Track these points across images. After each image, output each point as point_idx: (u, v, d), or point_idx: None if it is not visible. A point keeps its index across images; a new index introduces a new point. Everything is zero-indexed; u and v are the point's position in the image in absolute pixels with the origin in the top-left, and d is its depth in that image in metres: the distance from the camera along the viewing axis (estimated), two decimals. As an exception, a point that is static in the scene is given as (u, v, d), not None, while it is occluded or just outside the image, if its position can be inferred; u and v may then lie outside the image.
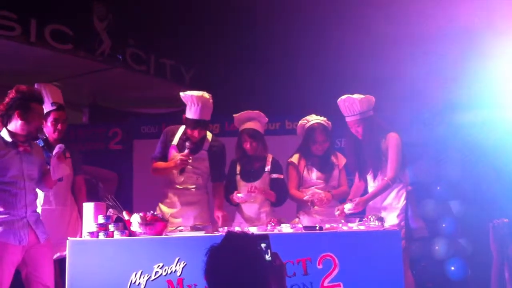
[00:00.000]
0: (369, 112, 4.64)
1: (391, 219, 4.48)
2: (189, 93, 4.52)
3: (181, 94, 4.54)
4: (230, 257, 2.25)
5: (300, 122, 4.97)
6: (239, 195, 4.55)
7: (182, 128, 4.63)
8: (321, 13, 6.46)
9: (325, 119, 4.92)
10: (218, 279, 2.23)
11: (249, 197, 4.58)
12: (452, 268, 5.75)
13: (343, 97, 4.70)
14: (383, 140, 4.63)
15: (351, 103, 4.64)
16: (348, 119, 4.70)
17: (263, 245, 2.39)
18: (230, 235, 2.32)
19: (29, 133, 3.79)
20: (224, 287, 2.22)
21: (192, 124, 4.48)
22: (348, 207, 4.39)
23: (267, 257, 2.37)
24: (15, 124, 3.73)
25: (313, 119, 4.90)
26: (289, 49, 6.96)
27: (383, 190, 4.55)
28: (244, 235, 2.37)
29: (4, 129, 3.76)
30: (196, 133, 4.52)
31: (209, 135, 4.68)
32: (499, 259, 4.22)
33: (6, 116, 3.75)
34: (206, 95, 4.53)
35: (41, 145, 4.32)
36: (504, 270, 4.21)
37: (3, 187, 3.67)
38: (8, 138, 3.73)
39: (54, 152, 3.90)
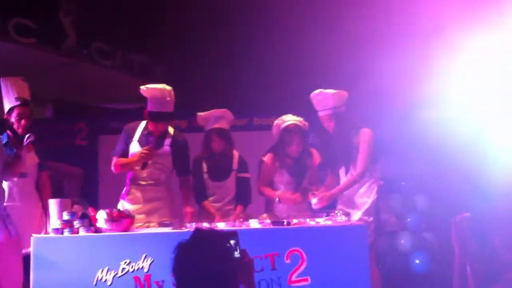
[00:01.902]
0: (341, 107, 4.65)
1: (359, 214, 4.51)
2: (150, 86, 4.47)
3: (142, 87, 4.47)
4: (198, 253, 2.24)
5: (275, 121, 4.92)
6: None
7: (142, 124, 4.57)
8: (293, 9, 6.47)
9: (301, 119, 4.86)
10: (186, 276, 2.22)
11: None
12: (417, 261, 5.84)
13: (316, 91, 4.70)
14: (355, 135, 4.65)
15: (324, 97, 4.64)
16: (320, 114, 4.70)
17: (232, 241, 2.38)
18: (198, 231, 2.31)
19: None
20: (192, 283, 2.20)
21: (155, 116, 4.43)
22: (313, 201, 4.41)
23: (236, 253, 2.36)
24: None
25: (289, 119, 4.84)
26: (259, 45, 6.96)
27: (351, 185, 4.58)
28: (212, 232, 2.35)
29: None
30: (159, 126, 4.47)
31: (170, 130, 4.62)
32: (461, 254, 4.31)
33: None
34: (168, 87, 4.49)
35: (4, 141, 4.24)
36: (466, 264, 4.30)
37: None
38: None
39: (24, 141, 3.86)
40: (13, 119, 4.40)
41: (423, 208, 6.03)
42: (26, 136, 3.93)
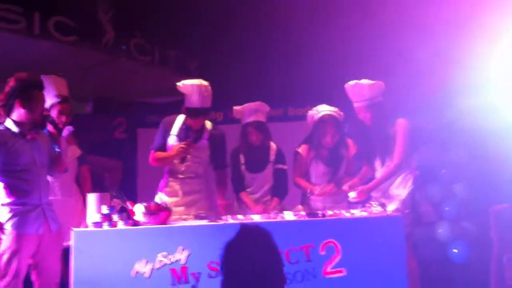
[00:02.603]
0: (378, 97, 4.59)
1: (396, 204, 4.47)
2: (187, 82, 4.50)
3: (179, 84, 4.51)
4: (245, 248, 2.40)
5: (310, 112, 4.90)
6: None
7: (180, 117, 4.62)
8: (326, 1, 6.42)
9: (336, 109, 4.81)
10: (232, 270, 2.30)
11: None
12: (455, 251, 5.76)
13: (351, 82, 4.64)
14: (391, 126, 4.59)
15: (360, 88, 4.58)
16: (356, 105, 4.64)
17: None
18: (244, 227, 2.38)
19: (34, 121, 3.77)
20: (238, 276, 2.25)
21: (193, 112, 4.48)
22: (352, 195, 4.38)
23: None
24: (18, 113, 3.71)
25: (324, 109, 4.80)
26: (292, 35, 6.94)
27: (388, 177, 4.53)
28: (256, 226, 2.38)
29: (8, 119, 3.74)
30: (197, 122, 4.52)
31: (208, 124, 4.66)
32: (499, 244, 4.22)
33: (7, 106, 3.72)
34: (204, 82, 4.52)
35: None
36: (503, 255, 4.22)
37: (17, 175, 3.66)
38: (14, 128, 3.71)
39: (63, 135, 3.95)
40: (53, 115, 4.51)
41: (461, 196, 5.93)
42: (66, 128, 4.00)
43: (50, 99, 4.51)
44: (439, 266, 5.63)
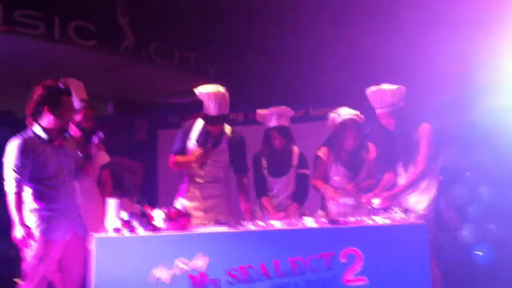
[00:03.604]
0: (400, 103, 4.50)
1: (420, 209, 4.39)
2: (204, 90, 4.47)
3: (196, 91, 4.50)
4: None
5: (331, 114, 4.84)
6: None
7: (199, 121, 4.61)
8: (345, 1, 6.34)
9: (357, 113, 4.75)
10: None
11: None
12: (479, 253, 5.67)
13: (373, 88, 4.55)
14: (415, 131, 4.51)
15: (383, 95, 4.49)
16: (378, 111, 4.56)
17: None
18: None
19: (62, 127, 3.82)
20: None
21: (211, 120, 4.47)
22: (376, 202, 4.32)
23: None
24: (47, 120, 3.75)
25: (345, 113, 4.74)
26: (311, 36, 6.88)
27: (413, 183, 4.46)
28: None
29: (36, 126, 3.77)
30: (216, 128, 4.52)
31: (227, 128, 4.65)
32: None
33: (36, 113, 3.76)
34: (221, 89, 4.49)
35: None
36: None
37: (45, 182, 3.71)
38: (42, 135, 3.75)
39: (93, 141, 3.99)
40: (78, 120, 4.49)
41: (486, 198, 5.83)
42: (96, 134, 4.02)
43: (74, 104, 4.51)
44: (463, 268, 5.55)
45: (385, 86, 4.51)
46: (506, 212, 5.69)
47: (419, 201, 4.47)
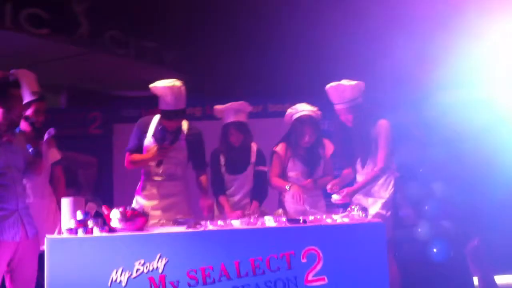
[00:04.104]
0: (358, 99, 4.52)
1: (377, 208, 4.45)
2: (159, 84, 4.36)
3: (151, 86, 4.38)
4: None
5: (288, 110, 4.82)
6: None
7: (156, 117, 4.51)
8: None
9: (315, 109, 4.75)
10: None
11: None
12: (435, 250, 5.77)
13: (333, 84, 4.55)
14: (372, 127, 4.54)
15: (342, 90, 4.50)
16: (337, 107, 4.57)
17: None
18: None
19: (11, 121, 3.62)
20: None
21: (168, 115, 4.37)
22: (335, 198, 4.34)
23: None
24: None
25: (302, 109, 4.73)
26: (273, 30, 6.83)
27: (372, 180, 4.49)
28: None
29: None
30: (173, 123, 4.41)
31: (184, 124, 4.55)
32: None
33: None
34: (177, 83, 4.38)
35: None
36: None
37: None
38: None
39: (45, 137, 3.83)
40: (28, 114, 4.32)
41: (440, 195, 5.93)
42: (47, 131, 3.87)
43: (25, 97, 4.33)
44: (419, 266, 5.65)
45: (345, 82, 4.53)
46: (460, 209, 5.81)
47: (376, 200, 4.51)
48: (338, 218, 3.86)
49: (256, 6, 6.65)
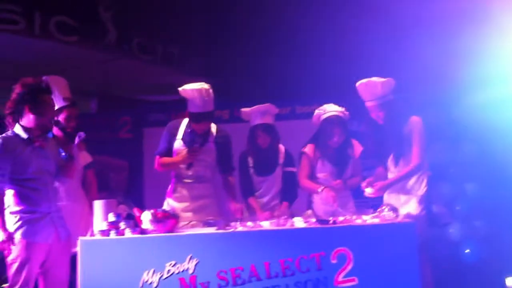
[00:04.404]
0: (389, 95, 4.47)
1: (411, 206, 4.37)
2: (188, 87, 4.41)
3: (180, 89, 4.43)
4: None
5: (316, 111, 4.79)
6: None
7: (185, 121, 4.55)
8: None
9: (342, 109, 4.73)
10: None
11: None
12: (467, 251, 5.68)
13: (364, 80, 4.51)
14: (405, 124, 4.47)
15: (373, 86, 4.45)
16: (368, 104, 4.51)
17: None
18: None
19: (43, 126, 3.71)
20: None
21: (197, 117, 4.41)
22: (368, 191, 4.29)
23: None
24: (28, 119, 3.64)
25: (330, 109, 4.71)
26: (300, 32, 6.83)
27: (407, 176, 4.41)
28: None
29: (17, 125, 3.67)
30: (202, 126, 4.45)
31: (213, 126, 4.59)
32: None
33: (16, 113, 3.66)
34: (205, 85, 4.42)
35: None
36: None
37: (25, 184, 3.61)
38: (23, 135, 3.64)
39: (75, 141, 3.90)
40: (61, 119, 4.40)
41: (472, 195, 5.85)
42: (78, 134, 3.94)
43: (57, 103, 4.42)
44: (451, 266, 5.57)
45: (375, 79, 4.48)
46: (492, 209, 5.71)
47: (409, 199, 4.43)
48: (368, 219, 3.84)
49: (281, 9, 6.67)
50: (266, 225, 3.81)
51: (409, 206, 4.40)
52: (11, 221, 3.60)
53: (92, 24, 6.40)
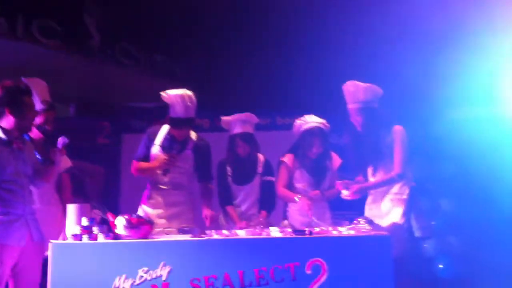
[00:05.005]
0: (373, 102, 4.44)
1: (395, 216, 4.32)
2: (171, 92, 4.42)
3: (163, 94, 4.44)
4: None
5: (297, 121, 4.80)
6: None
7: (165, 127, 4.54)
8: (317, 9, 6.36)
9: (323, 121, 4.73)
10: None
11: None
12: (441, 266, 5.71)
13: (349, 82, 4.49)
14: (387, 133, 4.42)
15: (356, 90, 4.43)
16: (349, 106, 4.48)
17: None
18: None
19: (23, 128, 3.70)
20: None
21: (178, 123, 4.40)
22: (345, 193, 4.27)
23: None
24: (7, 121, 3.62)
25: (311, 120, 4.72)
26: (283, 44, 6.88)
27: (387, 183, 4.36)
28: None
29: None
30: (182, 132, 4.44)
31: (193, 134, 4.59)
32: None
33: None
34: (188, 92, 4.44)
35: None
36: None
37: (1, 185, 3.57)
38: (2, 136, 3.61)
39: (58, 144, 3.88)
40: (38, 122, 4.34)
41: (447, 211, 5.89)
42: (61, 139, 3.91)
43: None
44: (425, 281, 5.59)
45: (360, 83, 4.46)
46: (467, 225, 5.76)
47: (392, 209, 4.38)
48: (344, 230, 3.84)
49: (266, 20, 6.71)
50: (241, 233, 3.78)
51: (391, 216, 4.34)
52: None
53: (76, 29, 6.38)
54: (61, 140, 3.90)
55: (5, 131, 3.63)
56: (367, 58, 6.15)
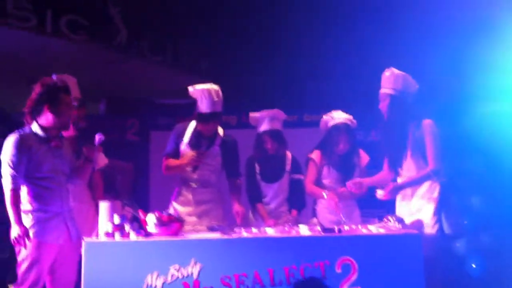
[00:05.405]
0: (402, 92, 4.31)
1: (425, 214, 4.23)
2: (198, 87, 4.44)
3: (190, 89, 4.47)
4: None
5: (324, 117, 4.79)
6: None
7: (192, 124, 4.55)
8: (346, 7, 6.31)
9: (350, 117, 4.71)
10: None
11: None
12: (473, 265, 5.62)
13: (389, 69, 4.42)
14: (417, 127, 4.30)
15: (390, 76, 4.36)
16: (380, 91, 4.40)
17: None
18: None
19: (61, 125, 3.75)
20: None
21: (205, 118, 4.41)
22: (380, 193, 4.20)
23: None
24: (46, 118, 3.69)
25: (338, 116, 4.71)
26: (310, 41, 6.84)
27: (422, 180, 4.23)
28: None
29: (35, 124, 3.70)
30: (209, 127, 4.45)
31: (220, 130, 4.59)
32: None
33: (35, 111, 3.69)
34: (215, 86, 4.45)
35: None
36: None
37: (39, 182, 3.65)
38: (40, 133, 3.68)
39: (96, 142, 3.93)
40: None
41: (479, 209, 5.79)
42: (97, 136, 3.96)
43: None
44: (457, 280, 5.52)
45: (397, 70, 4.37)
46: (499, 223, 5.66)
47: (422, 207, 4.28)
48: (374, 229, 3.82)
49: (291, 17, 6.68)
50: (271, 232, 3.79)
51: (422, 214, 4.25)
52: (24, 220, 3.60)
53: (103, 23, 6.43)
54: (97, 137, 3.94)
55: (43, 128, 3.69)
56: (395, 54, 6.08)
